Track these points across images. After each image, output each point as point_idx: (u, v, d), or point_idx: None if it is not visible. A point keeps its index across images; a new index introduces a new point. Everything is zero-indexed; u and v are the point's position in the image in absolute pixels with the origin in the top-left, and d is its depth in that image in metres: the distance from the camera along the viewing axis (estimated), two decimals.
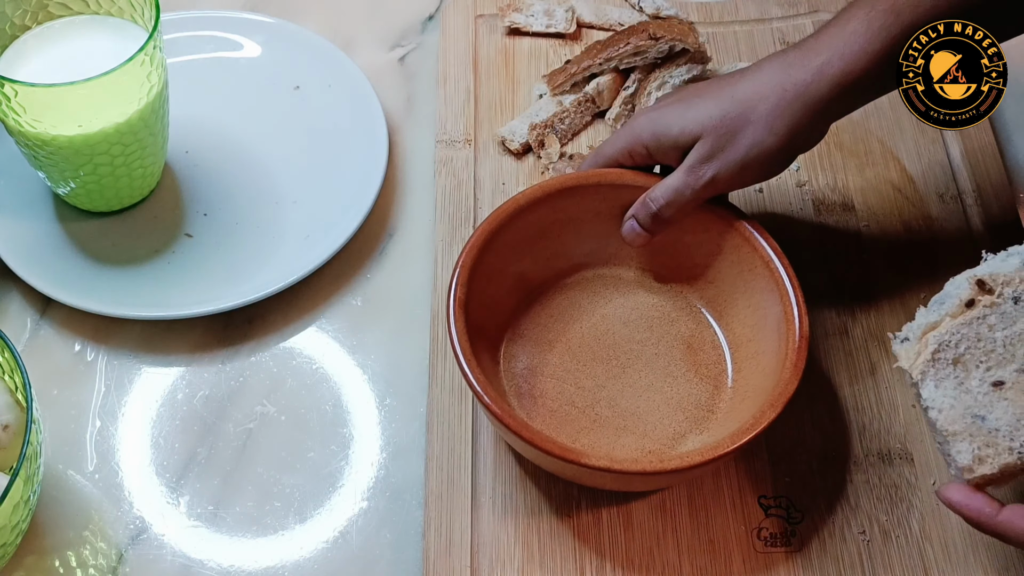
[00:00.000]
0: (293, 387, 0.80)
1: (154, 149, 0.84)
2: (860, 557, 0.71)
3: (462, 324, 0.70)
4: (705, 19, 0.97)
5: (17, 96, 0.75)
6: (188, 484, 0.75)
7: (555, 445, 0.66)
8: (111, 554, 0.72)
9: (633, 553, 0.71)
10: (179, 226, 0.86)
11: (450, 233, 0.84)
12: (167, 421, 0.78)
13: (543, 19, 0.96)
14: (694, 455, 0.66)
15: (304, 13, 0.99)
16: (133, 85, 0.77)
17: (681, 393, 0.75)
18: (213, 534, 0.73)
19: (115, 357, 0.81)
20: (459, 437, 0.75)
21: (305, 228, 0.85)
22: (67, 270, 0.82)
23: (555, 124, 0.89)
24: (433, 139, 0.90)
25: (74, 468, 0.76)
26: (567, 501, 0.73)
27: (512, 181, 0.87)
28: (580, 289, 0.79)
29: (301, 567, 0.72)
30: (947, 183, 0.87)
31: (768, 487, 0.73)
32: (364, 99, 0.91)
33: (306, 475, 0.76)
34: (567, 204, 0.77)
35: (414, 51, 0.98)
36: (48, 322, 0.82)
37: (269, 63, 0.95)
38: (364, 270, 0.85)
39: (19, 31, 0.81)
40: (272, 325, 0.82)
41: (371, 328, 0.82)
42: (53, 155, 0.79)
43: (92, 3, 0.82)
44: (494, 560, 0.70)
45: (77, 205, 0.86)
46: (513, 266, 0.76)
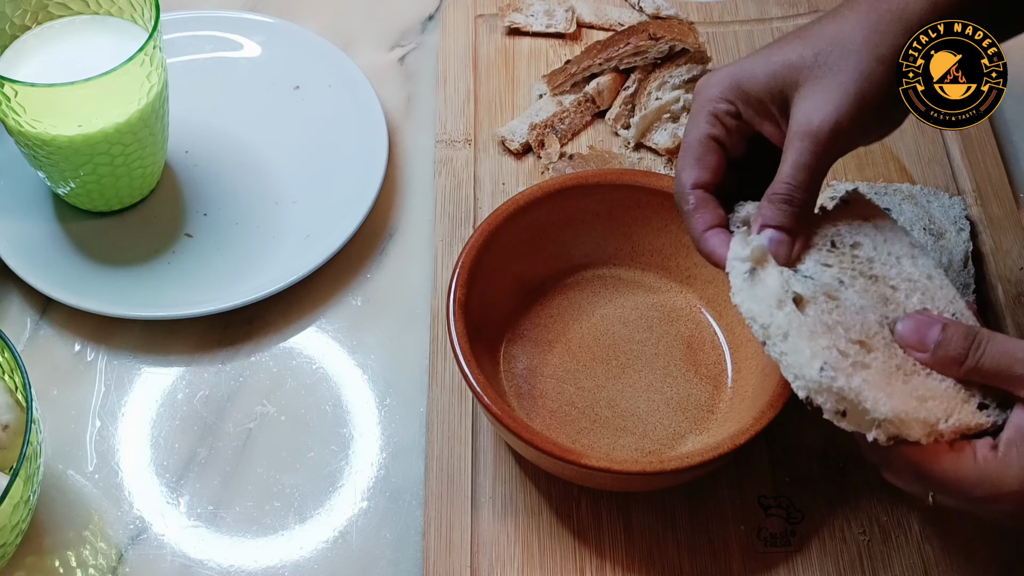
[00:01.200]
0: (293, 387, 0.80)
1: (154, 149, 0.84)
2: (860, 557, 0.71)
3: (462, 324, 0.70)
4: (705, 19, 0.97)
5: (17, 96, 0.75)
6: (188, 484, 0.75)
7: (555, 446, 0.66)
8: (111, 554, 0.72)
9: (633, 553, 0.71)
10: (179, 226, 0.86)
11: (450, 233, 0.84)
12: (167, 421, 0.78)
13: (543, 19, 0.96)
14: (694, 455, 0.66)
15: (304, 13, 0.99)
16: (133, 85, 0.77)
17: (681, 393, 0.75)
18: (213, 534, 0.73)
19: (115, 357, 0.81)
20: (459, 437, 0.75)
21: (305, 228, 0.85)
22: (67, 270, 0.82)
23: (555, 124, 0.89)
24: (433, 139, 0.90)
25: (74, 468, 0.76)
26: (567, 501, 0.73)
27: (512, 181, 0.87)
28: (580, 289, 0.79)
29: (301, 567, 0.72)
30: (947, 183, 0.87)
31: (768, 487, 0.73)
32: (364, 99, 0.91)
33: (306, 475, 0.76)
34: (567, 204, 0.77)
35: (414, 51, 0.98)
36: (48, 322, 0.82)
37: (269, 63, 0.95)
38: (364, 270, 0.85)
39: (19, 31, 0.81)
40: (272, 325, 0.82)
41: (371, 328, 0.82)
42: (53, 155, 0.79)
43: (92, 3, 0.82)
44: (494, 560, 0.70)
45: (77, 205, 0.86)
46: (513, 266, 0.76)
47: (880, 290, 0.63)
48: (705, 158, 0.65)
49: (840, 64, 0.60)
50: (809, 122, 0.60)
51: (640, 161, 0.88)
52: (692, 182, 0.65)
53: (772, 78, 0.62)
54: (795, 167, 0.61)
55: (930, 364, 0.60)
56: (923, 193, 0.85)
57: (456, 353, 0.69)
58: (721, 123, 0.64)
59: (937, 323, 0.59)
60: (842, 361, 0.58)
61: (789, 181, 0.61)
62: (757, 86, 0.62)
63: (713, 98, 0.64)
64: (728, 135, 0.64)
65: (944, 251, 0.81)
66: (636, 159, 0.89)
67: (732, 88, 0.63)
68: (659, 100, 0.88)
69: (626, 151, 0.89)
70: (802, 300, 0.60)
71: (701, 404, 0.75)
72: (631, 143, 0.89)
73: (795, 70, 0.61)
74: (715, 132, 0.64)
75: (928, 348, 0.59)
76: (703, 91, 0.65)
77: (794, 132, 0.61)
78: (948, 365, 0.59)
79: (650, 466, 0.65)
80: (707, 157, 0.65)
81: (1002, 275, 0.82)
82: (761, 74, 0.62)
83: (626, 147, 0.89)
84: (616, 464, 0.66)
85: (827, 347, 0.58)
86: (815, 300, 0.60)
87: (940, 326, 0.59)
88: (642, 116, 0.88)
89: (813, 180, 0.61)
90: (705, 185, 0.65)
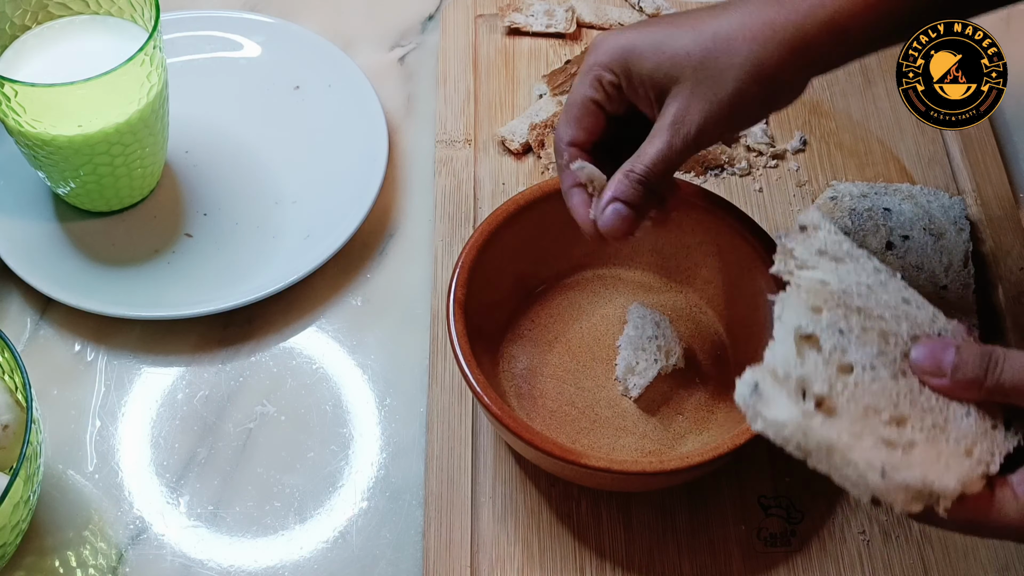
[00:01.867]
0: (293, 387, 0.80)
1: (154, 149, 0.84)
2: (860, 557, 0.71)
3: (462, 324, 0.70)
4: None
5: (17, 96, 0.75)
6: (188, 484, 0.75)
7: (555, 446, 0.66)
8: (111, 554, 0.72)
9: (633, 553, 0.71)
10: (179, 226, 0.86)
11: (450, 233, 0.84)
12: (167, 421, 0.78)
13: (543, 19, 0.96)
14: (694, 455, 0.66)
15: (304, 13, 0.99)
16: (133, 85, 0.77)
17: (681, 393, 0.75)
18: (213, 534, 0.73)
19: (115, 357, 0.81)
20: (459, 437, 0.75)
21: (305, 228, 0.85)
22: (67, 270, 0.82)
23: (555, 124, 0.89)
24: (433, 139, 0.90)
25: (74, 468, 0.76)
26: (567, 501, 0.73)
27: (512, 181, 0.87)
28: (580, 289, 0.79)
29: (301, 567, 0.72)
30: (947, 183, 0.87)
31: (768, 487, 0.73)
32: (364, 99, 0.91)
33: (306, 475, 0.76)
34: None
35: (414, 51, 0.98)
36: (48, 322, 0.82)
37: (269, 63, 0.95)
38: (364, 270, 0.85)
39: (19, 31, 0.81)
40: (272, 325, 0.82)
41: (371, 328, 0.82)
42: (53, 155, 0.79)
43: (92, 3, 0.82)
44: (494, 560, 0.70)
45: (77, 205, 0.86)
46: (513, 266, 0.76)
47: (876, 326, 0.60)
48: (584, 119, 0.68)
49: (721, 75, 0.62)
50: (680, 119, 0.63)
51: None
52: (568, 140, 0.68)
53: (657, 68, 0.64)
54: (657, 155, 0.64)
55: (949, 390, 0.58)
56: (923, 193, 0.85)
57: (456, 353, 0.69)
58: (603, 89, 0.67)
59: (951, 346, 0.58)
60: (894, 455, 0.55)
61: (648, 165, 0.64)
62: (642, 71, 0.64)
63: (601, 63, 0.66)
64: (608, 100, 0.67)
65: (944, 251, 0.81)
66: None
67: (619, 62, 0.65)
68: None
69: None
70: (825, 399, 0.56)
71: (701, 404, 0.75)
72: None
73: (679, 67, 0.63)
74: (596, 96, 0.67)
75: (946, 373, 0.58)
76: (595, 51, 0.67)
77: (665, 122, 0.64)
78: (967, 387, 0.58)
79: (650, 466, 0.65)
80: (585, 119, 0.68)
81: (1002, 275, 0.82)
82: (649, 61, 0.64)
83: None
84: (616, 464, 0.66)
85: (874, 446, 0.55)
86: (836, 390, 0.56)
87: (954, 348, 0.58)
88: None
89: (669, 169, 0.65)
90: (581, 144, 0.68)
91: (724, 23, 0.63)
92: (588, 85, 0.67)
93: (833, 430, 0.55)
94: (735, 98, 0.62)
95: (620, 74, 0.66)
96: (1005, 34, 0.83)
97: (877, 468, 0.54)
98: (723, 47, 0.62)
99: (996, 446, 0.57)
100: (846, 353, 0.58)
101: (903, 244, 0.81)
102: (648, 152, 0.64)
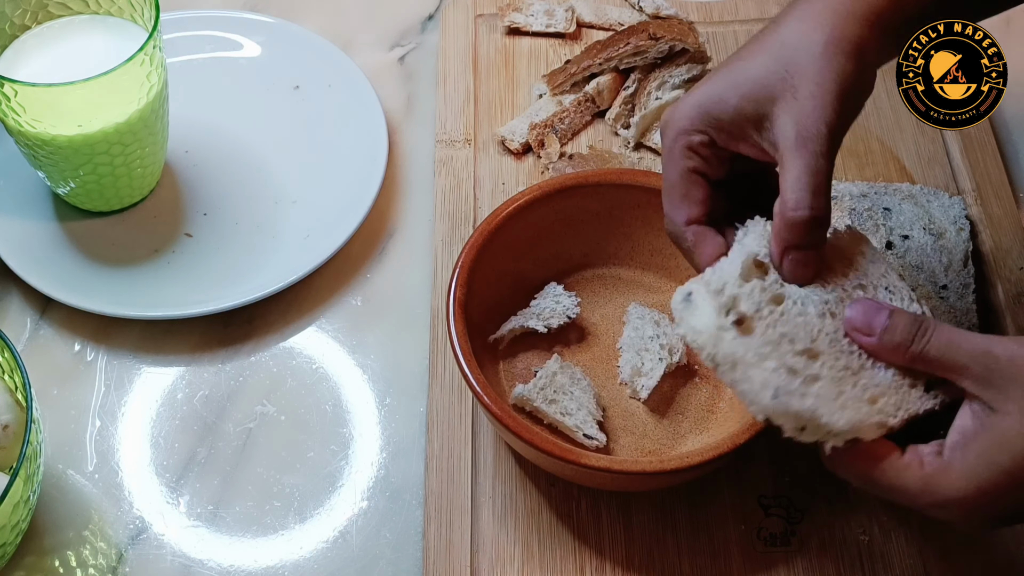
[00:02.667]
0: (293, 387, 0.80)
1: (154, 149, 0.84)
2: (860, 557, 0.71)
3: (462, 324, 0.70)
4: (705, 19, 0.97)
5: (17, 96, 0.75)
6: (188, 484, 0.75)
7: (555, 445, 0.66)
8: (111, 554, 0.72)
9: (633, 553, 0.71)
10: (179, 226, 0.86)
11: (450, 233, 0.84)
12: (167, 421, 0.78)
13: (543, 19, 0.96)
14: (694, 455, 0.66)
15: (304, 13, 0.99)
16: (133, 85, 0.77)
17: (681, 393, 0.75)
18: (213, 534, 0.73)
19: (115, 357, 0.81)
20: (459, 437, 0.75)
21: (305, 228, 0.85)
22: (67, 270, 0.82)
23: (555, 124, 0.89)
24: (433, 139, 0.90)
25: (74, 468, 0.76)
26: (567, 501, 0.73)
27: (512, 181, 0.87)
28: (580, 289, 0.79)
29: (301, 567, 0.72)
30: (947, 183, 0.87)
31: (768, 487, 0.73)
32: (364, 99, 0.91)
33: (306, 475, 0.76)
34: (567, 204, 0.77)
35: (414, 51, 0.98)
36: (48, 322, 0.82)
37: (269, 63, 0.95)
38: (364, 270, 0.85)
39: (19, 31, 0.81)
40: (272, 325, 0.82)
41: (371, 328, 0.82)
42: (53, 155, 0.79)
43: (92, 3, 0.82)
44: (494, 560, 0.70)
45: (77, 205, 0.86)
46: (513, 266, 0.76)
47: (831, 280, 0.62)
48: (691, 193, 0.64)
49: (812, 68, 0.59)
50: (804, 129, 0.59)
51: (640, 161, 0.88)
52: (684, 220, 0.64)
53: (744, 99, 0.60)
54: (803, 184, 0.58)
55: (875, 348, 0.60)
56: (923, 193, 0.85)
57: (456, 353, 0.69)
58: (697, 154, 0.63)
59: (885, 309, 0.60)
60: (792, 381, 0.58)
61: (799, 197, 0.59)
62: (728, 111, 0.61)
63: (684, 130, 0.63)
64: (707, 164, 0.63)
65: (944, 251, 0.81)
66: (636, 159, 0.89)
67: (701, 117, 0.62)
68: (659, 100, 0.88)
69: (626, 151, 0.89)
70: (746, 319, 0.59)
71: (701, 404, 0.75)
72: (631, 143, 0.89)
73: (767, 87, 0.60)
74: (693, 164, 0.63)
75: (875, 332, 0.59)
76: (672, 125, 0.63)
77: (790, 144, 0.59)
78: (893, 351, 0.59)
79: (650, 466, 0.65)
80: (692, 191, 0.64)
81: (1002, 275, 0.82)
82: (731, 98, 0.61)
83: (626, 147, 0.89)
84: (616, 464, 0.66)
85: (775, 369, 0.58)
86: (760, 314, 0.59)
87: (888, 312, 0.59)
88: (642, 116, 0.88)
89: (820, 189, 0.59)
90: (698, 219, 0.64)
91: (787, 33, 0.61)
92: (680, 157, 0.63)
93: (742, 347, 0.58)
94: (840, 82, 0.59)
95: (707, 129, 0.62)
96: (1005, 34, 0.83)
97: (771, 389, 0.57)
98: (800, 49, 0.60)
99: (905, 403, 0.59)
100: (784, 287, 0.61)
101: (903, 244, 0.81)
102: (790, 181, 0.59)
